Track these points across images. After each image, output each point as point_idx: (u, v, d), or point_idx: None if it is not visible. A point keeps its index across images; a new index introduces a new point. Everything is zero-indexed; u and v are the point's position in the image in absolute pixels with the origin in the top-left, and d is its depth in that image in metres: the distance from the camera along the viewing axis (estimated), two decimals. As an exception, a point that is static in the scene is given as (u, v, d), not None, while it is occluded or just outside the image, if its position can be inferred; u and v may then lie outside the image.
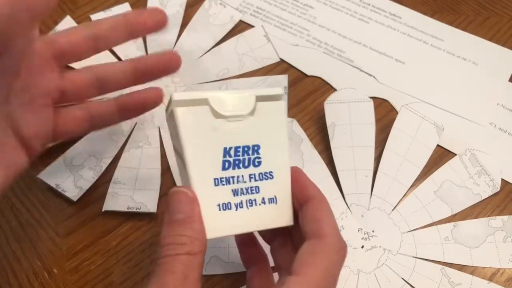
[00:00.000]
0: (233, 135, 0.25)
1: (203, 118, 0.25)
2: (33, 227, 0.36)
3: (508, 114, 0.42)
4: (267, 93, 0.26)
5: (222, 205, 0.25)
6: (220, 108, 0.25)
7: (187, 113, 0.24)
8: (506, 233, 0.35)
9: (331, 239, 0.24)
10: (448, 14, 0.49)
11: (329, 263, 0.24)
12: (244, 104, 0.26)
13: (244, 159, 0.26)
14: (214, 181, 0.25)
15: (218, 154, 0.25)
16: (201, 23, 0.47)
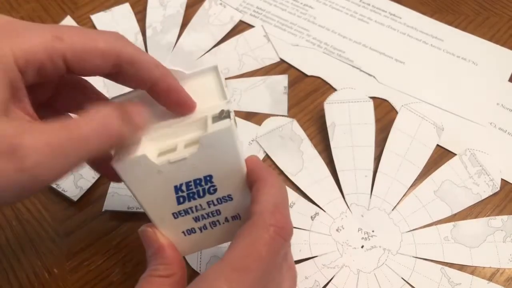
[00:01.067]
0: (180, 173, 0.24)
1: (145, 167, 0.24)
2: (33, 227, 0.36)
3: (508, 114, 0.42)
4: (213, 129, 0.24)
5: (186, 231, 0.27)
6: (160, 153, 0.24)
7: (128, 165, 0.23)
8: (506, 233, 0.35)
9: (257, 217, 0.23)
10: (448, 14, 0.49)
11: (249, 241, 0.22)
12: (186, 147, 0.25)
13: (198, 190, 0.25)
14: (173, 215, 0.26)
15: (170, 192, 0.25)
16: (201, 23, 0.47)
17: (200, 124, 0.25)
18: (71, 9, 0.49)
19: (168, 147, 0.25)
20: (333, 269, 0.34)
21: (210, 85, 0.26)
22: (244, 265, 0.21)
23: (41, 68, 0.22)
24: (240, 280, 0.21)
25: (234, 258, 0.22)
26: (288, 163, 0.38)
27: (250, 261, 0.21)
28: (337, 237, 0.35)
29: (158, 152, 0.24)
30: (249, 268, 0.21)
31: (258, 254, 0.22)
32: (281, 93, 0.43)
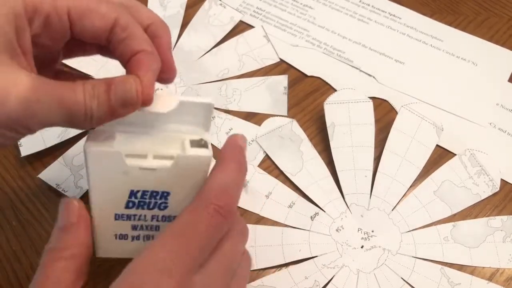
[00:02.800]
0: (143, 181, 0.25)
1: (115, 163, 0.24)
2: (34, 226, 0.36)
3: (508, 114, 0.42)
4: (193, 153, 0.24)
5: (119, 235, 0.27)
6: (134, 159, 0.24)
7: (99, 155, 0.24)
8: (506, 233, 0.35)
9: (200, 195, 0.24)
10: (448, 15, 0.49)
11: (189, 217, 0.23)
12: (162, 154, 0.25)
13: (150, 202, 0.26)
14: (115, 216, 0.26)
15: (124, 194, 0.25)
16: (201, 23, 0.47)
17: (176, 142, 0.25)
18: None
19: (138, 152, 0.25)
20: (333, 269, 0.34)
21: (199, 114, 0.26)
22: (182, 235, 0.22)
23: (47, 20, 0.23)
24: (179, 248, 0.22)
25: (173, 229, 0.22)
26: (288, 163, 0.38)
27: (188, 233, 0.22)
28: (337, 237, 0.35)
29: (127, 153, 0.24)
30: (187, 238, 0.22)
31: (196, 228, 0.22)
32: (281, 93, 0.43)
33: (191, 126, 0.26)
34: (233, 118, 0.41)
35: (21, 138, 0.24)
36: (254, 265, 0.34)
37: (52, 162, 0.38)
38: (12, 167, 0.39)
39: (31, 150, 0.39)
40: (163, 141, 0.25)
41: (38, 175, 0.37)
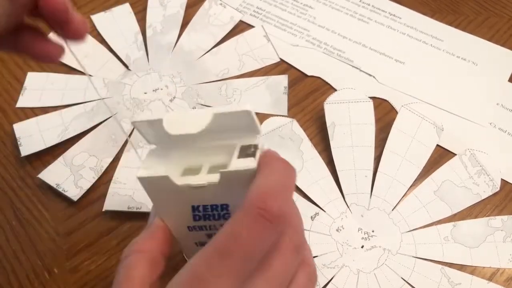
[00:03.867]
0: (199, 196, 0.25)
1: (167, 186, 0.24)
2: (34, 226, 0.36)
3: (508, 114, 0.42)
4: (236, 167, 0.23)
5: (199, 243, 0.27)
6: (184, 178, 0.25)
7: (151, 181, 0.24)
8: (506, 233, 0.35)
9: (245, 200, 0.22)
10: (448, 14, 0.49)
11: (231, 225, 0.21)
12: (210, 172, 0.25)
13: (214, 214, 0.26)
14: (187, 228, 0.26)
15: (187, 210, 0.25)
16: (201, 23, 0.47)
17: (228, 150, 0.25)
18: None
19: (192, 166, 0.25)
20: (333, 269, 0.34)
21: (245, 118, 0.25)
22: (224, 247, 0.21)
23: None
24: (220, 264, 0.20)
25: (215, 242, 0.21)
26: (288, 163, 0.38)
27: (230, 244, 0.21)
28: (337, 237, 0.35)
29: (183, 169, 0.25)
30: (228, 251, 0.21)
31: (238, 236, 0.21)
32: (281, 93, 0.43)
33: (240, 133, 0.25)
34: (233, 118, 0.41)
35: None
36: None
37: (52, 162, 0.38)
38: (12, 167, 0.39)
39: (31, 150, 0.39)
40: (215, 150, 0.25)
41: (38, 175, 0.37)
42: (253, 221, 0.21)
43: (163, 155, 0.25)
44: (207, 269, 0.20)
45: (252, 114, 0.24)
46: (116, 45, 0.46)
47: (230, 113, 0.24)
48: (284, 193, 0.23)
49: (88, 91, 0.43)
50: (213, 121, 0.24)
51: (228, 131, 0.25)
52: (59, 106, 0.42)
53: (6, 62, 0.46)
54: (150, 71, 0.44)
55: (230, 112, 0.24)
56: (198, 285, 0.20)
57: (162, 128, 0.24)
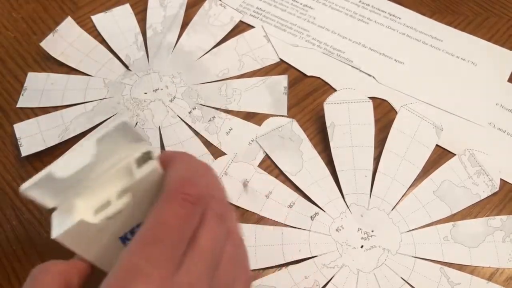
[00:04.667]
0: (121, 224, 0.24)
1: (85, 231, 0.23)
2: (34, 226, 0.36)
3: (507, 114, 0.42)
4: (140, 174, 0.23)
5: None
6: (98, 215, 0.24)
7: (69, 234, 0.23)
8: (505, 232, 0.35)
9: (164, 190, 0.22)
10: (447, 15, 0.49)
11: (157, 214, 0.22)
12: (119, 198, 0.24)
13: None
14: None
15: (117, 244, 0.25)
16: (201, 23, 0.47)
17: (126, 171, 0.24)
18: (72, 9, 0.49)
19: (101, 202, 0.24)
20: (333, 269, 0.34)
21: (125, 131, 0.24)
22: (155, 236, 0.21)
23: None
24: (154, 252, 0.21)
25: (145, 232, 0.21)
26: (288, 163, 0.39)
27: (160, 231, 0.21)
28: (336, 237, 0.35)
29: (94, 209, 0.23)
30: (160, 239, 0.21)
31: (166, 223, 0.21)
32: (281, 93, 0.43)
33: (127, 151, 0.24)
34: (233, 118, 0.41)
35: None
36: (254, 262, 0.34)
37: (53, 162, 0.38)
38: (12, 167, 0.39)
39: (32, 150, 0.39)
40: (113, 178, 0.24)
41: (38, 175, 0.37)
42: (178, 206, 0.22)
43: (67, 209, 0.23)
44: (142, 259, 0.20)
45: (129, 124, 0.23)
46: (116, 45, 0.46)
47: (110, 132, 0.23)
48: (198, 175, 0.24)
49: (88, 91, 0.43)
50: (99, 146, 0.23)
51: (117, 153, 0.24)
52: (59, 106, 0.42)
53: (6, 62, 0.46)
54: (150, 71, 0.45)
55: (109, 131, 0.23)
56: (136, 277, 0.20)
57: (54, 181, 0.23)
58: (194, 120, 0.41)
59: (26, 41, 0.47)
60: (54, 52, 0.45)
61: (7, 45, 0.47)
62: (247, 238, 0.35)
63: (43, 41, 0.45)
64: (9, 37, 0.48)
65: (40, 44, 0.45)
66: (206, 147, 0.40)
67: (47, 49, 0.45)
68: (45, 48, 0.45)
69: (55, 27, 0.46)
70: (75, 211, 0.23)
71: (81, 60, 0.45)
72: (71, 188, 0.23)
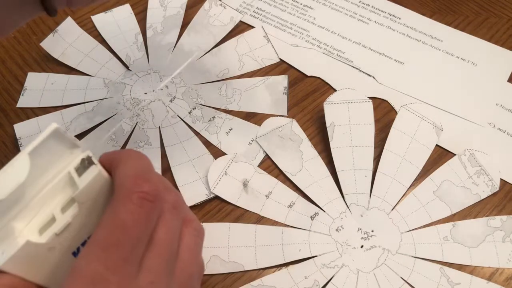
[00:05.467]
0: (71, 239, 0.22)
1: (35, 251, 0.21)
2: (34, 226, 0.36)
3: (507, 114, 0.42)
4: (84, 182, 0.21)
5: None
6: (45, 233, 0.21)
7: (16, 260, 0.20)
8: (505, 232, 0.35)
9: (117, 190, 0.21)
10: (447, 15, 0.49)
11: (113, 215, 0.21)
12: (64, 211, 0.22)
13: None
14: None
15: (71, 260, 0.23)
16: (201, 24, 0.47)
17: (66, 182, 0.22)
18: (72, 9, 0.49)
19: (46, 220, 0.22)
20: (333, 268, 0.34)
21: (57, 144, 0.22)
22: (113, 240, 0.20)
23: None
24: (114, 257, 0.20)
25: (101, 236, 0.20)
26: (288, 163, 0.39)
27: (118, 235, 0.20)
28: (336, 237, 0.35)
29: (39, 228, 0.21)
30: (119, 242, 0.20)
31: (124, 225, 0.20)
32: (281, 93, 0.43)
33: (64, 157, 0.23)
34: (233, 118, 0.41)
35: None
36: (254, 262, 0.34)
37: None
38: (12, 167, 0.39)
39: (32, 150, 0.39)
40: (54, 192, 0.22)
41: (38, 175, 0.37)
42: (136, 206, 0.21)
43: (8, 235, 0.21)
44: (101, 265, 0.19)
45: (60, 131, 0.22)
46: (117, 45, 0.46)
47: (42, 142, 0.22)
48: (149, 171, 0.23)
49: (88, 91, 0.43)
50: (33, 160, 0.21)
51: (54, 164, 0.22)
52: (59, 106, 0.42)
53: (6, 62, 0.46)
54: (150, 72, 0.45)
55: (41, 142, 0.22)
56: (95, 285, 0.19)
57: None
58: (194, 120, 0.41)
59: (26, 41, 0.47)
60: (54, 52, 0.45)
61: (7, 45, 0.47)
62: (247, 238, 0.35)
63: (43, 41, 0.45)
64: (9, 37, 0.48)
65: (40, 44, 0.45)
66: (206, 147, 0.40)
67: (47, 49, 0.45)
68: (45, 48, 0.45)
69: (55, 27, 0.46)
70: (18, 234, 0.21)
71: (81, 60, 0.45)
72: (8, 211, 0.21)
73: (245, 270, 0.34)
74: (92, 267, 0.19)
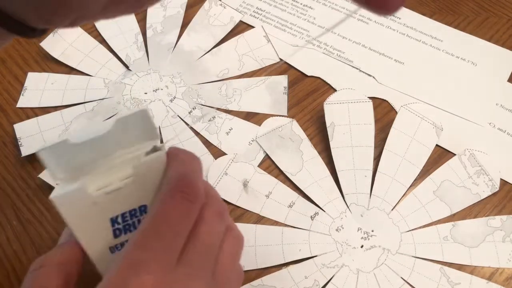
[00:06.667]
0: (116, 204, 0.25)
1: (82, 200, 0.24)
2: (34, 226, 0.36)
3: (507, 114, 0.42)
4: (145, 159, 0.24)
5: None
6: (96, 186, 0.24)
7: (66, 198, 0.24)
8: (505, 232, 0.35)
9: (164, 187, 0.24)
10: (447, 15, 0.49)
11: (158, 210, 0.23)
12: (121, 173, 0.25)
13: (134, 222, 0.25)
14: (110, 250, 0.26)
15: (106, 225, 0.25)
16: (201, 23, 0.47)
17: (134, 161, 0.25)
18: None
19: (105, 182, 0.24)
20: (333, 268, 0.34)
21: (141, 126, 0.25)
22: (156, 229, 0.22)
23: None
24: (155, 244, 0.22)
25: (146, 227, 0.22)
26: (288, 163, 0.39)
27: (161, 225, 0.22)
28: (336, 237, 0.35)
29: (96, 186, 0.24)
30: (161, 231, 0.22)
31: (167, 218, 0.23)
32: (281, 93, 0.43)
33: (140, 143, 0.25)
34: (233, 118, 0.41)
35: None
36: (254, 262, 0.34)
37: (53, 162, 0.38)
38: (12, 167, 0.39)
39: (32, 150, 0.39)
40: (121, 166, 0.25)
41: (38, 175, 0.37)
42: (179, 203, 0.23)
43: (72, 181, 0.24)
44: (143, 251, 0.21)
45: (148, 115, 0.24)
46: (117, 45, 0.46)
47: (129, 116, 0.24)
48: (197, 176, 0.25)
49: (88, 91, 0.43)
50: (116, 126, 0.24)
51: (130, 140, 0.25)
52: (59, 106, 0.42)
53: (7, 62, 0.46)
54: (150, 71, 0.45)
55: (129, 115, 0.24)
56: (137, 268, 0.21)
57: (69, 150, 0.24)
58: (194, 120, 0.41)
59: (26, 41, 0.47)
60: (54, 52, 0.45)
61: (7, 45, 0.47)
62: (247, 238, 0.35)
63: (43, 41, 0.45)
64: (9, 37, 0.48)
65: (40, 44, 0.45)
66: (206, 147, 0.40)
67: (47, 49, 0.45)
68: (45, 48, 0.45)
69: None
70: (79, 182, 0.24)
71: (81, 60, 0.45)
72: (80, 166, 0.24)
73: (245, 270, 0.34)
74: (135, 252, 0.22)
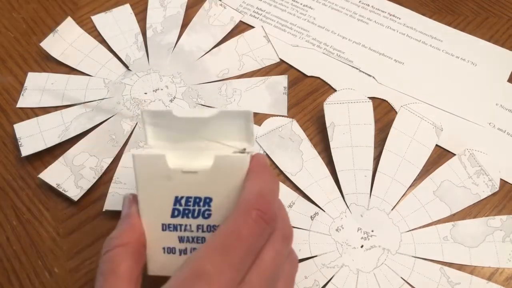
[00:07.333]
0: (186, 185, 0.25)
1: (159, 167, 0.25)
2: (34, 226, 0.36)
3: (507, 114, 0.42)
4: (229, 154, 0.25)
5: (167, 249, 0.27)
6: (177, 161, 0.25)
7: (145, 159, 0.25)
8: (505, 232, 0.35)
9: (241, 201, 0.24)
10: (447, 15, 0.49)
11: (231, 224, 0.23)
12: (203, 160, 0.25)
13: (194, 209, 0.26)
14: (162, 226, 0.26)
15: (169, 201, 0.26)
16: (201, 24, 0.47)
17: (220, 154, 0.26)
18: (72, 9, 0.49)
19: (184, 163, 0.26)
20: (333, 268, 0.34)
21: (240, 125, 0.27)
22: (226, 244, 0.22)
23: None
24: (222, 259, 0.22)
25: (216, 239, 0.23)
26: (288, 163, 0.39)
27: (231, 241, 0.22)
28: (336, 237, 0.35)
29: (176, 163, 0.25)
30: (230, 248, 0.22)
31: (239, 235, 0.22)
32: (281, 93, 0.43)
33: (233, 140, 0.27)
34: (233, 118, 0.41)
35: None
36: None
37: (53, 162, 0.38)
38: (12, 166, 0.39)
39: (32, 150, 0.39)
40: (207, 147, 0.26)
41: (38, 175, 0.37)
42: (253, 221, 0.23)
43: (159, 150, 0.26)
44: (209, 263, 0.21)
45: (251, 117, 0.26)
46: (117, 45, 0.46)
47: (233, 112, 0.26)
48: (275, 198, 0.26)
49: (88, 91, 0.43)
50: (217, 116, 0.25)
51: (225, 135, 0.26)
52: (59, 106, 0.42)
53: (6, 62, 0.46)
54: (150, 72, 0.45)
55: (233, 111, 0.26)
56: (200, 279, 0.21)
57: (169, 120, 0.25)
58: (194, 120, 0.41)
59: (26, 41, 0.47)
60: (54, 52, 0.45)
61: (7, 45, 0.47)
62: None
63: (43, 41, 0.45)
64: (9, 37, 0.48)
65: (40, 44, 0.45)
66: (206, 147, 0.40)
67: (47, 49, 0.45)
68: (45, 48, 0.45)
69: (55, 27, 0.46)
70: (162, 151, 0.26)
71: (81, 60, 0.45)
72: (172, 139, 0.26)
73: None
74: (201, 262, 0.22)
